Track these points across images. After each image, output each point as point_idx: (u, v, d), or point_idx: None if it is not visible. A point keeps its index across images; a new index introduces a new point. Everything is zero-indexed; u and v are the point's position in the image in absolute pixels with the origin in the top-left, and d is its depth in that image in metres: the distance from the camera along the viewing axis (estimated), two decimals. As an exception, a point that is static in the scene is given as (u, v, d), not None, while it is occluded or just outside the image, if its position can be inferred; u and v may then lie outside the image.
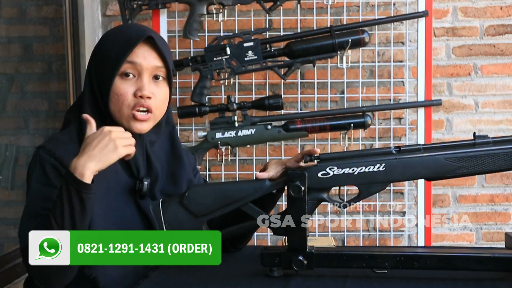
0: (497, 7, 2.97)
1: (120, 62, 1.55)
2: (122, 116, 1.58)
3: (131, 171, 1.63)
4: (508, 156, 1.47)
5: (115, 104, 1.57)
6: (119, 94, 1.56)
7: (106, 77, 1.57)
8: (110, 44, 1.59)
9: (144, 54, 1.58)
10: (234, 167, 2.87)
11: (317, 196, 1.51)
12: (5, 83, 2.54)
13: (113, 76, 1.56)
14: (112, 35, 1.62)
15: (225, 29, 2.79)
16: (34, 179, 1.53)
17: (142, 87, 1.57)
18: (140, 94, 1.56)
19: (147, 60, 1.58)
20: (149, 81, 1.59)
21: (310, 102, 2.94)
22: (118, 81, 1.57)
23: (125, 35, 1.59)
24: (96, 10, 3.04)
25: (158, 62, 1.59)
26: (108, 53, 1.58)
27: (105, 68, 1.57)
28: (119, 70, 1.56)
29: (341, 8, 2.82)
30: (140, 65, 1.57)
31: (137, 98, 1.57)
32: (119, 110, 1.57)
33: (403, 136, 2.95)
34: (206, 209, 1.53)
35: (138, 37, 1.57)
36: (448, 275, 1.49)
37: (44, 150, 1.54)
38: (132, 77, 1.58)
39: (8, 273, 2.35)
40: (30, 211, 1.51)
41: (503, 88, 3.00)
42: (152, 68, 1.59)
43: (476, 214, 3.03)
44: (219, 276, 1.54)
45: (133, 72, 1.57)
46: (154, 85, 1.60)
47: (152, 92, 1.58)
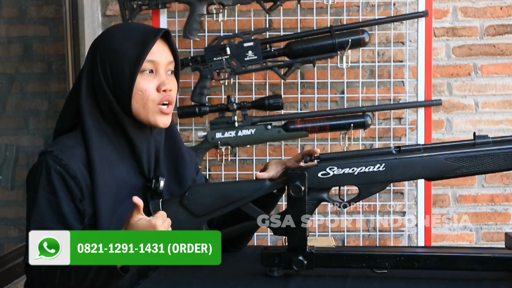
0: (497, 7, 2.97)
1: (141, 60, 1.57)
2: (148, 111, 1.59)
3: (141, 171, 1.63)
4: (508, 156, 1.47)
5: (140, 100, 1.58)
6: (143, 90, 1.58)
7: (126, 76, 1.58)
8: (125, 42, 1.59)
9: (160, 50, 1.61)
10: (234, 167, 2.87)
11: (317, 196, 1.51)
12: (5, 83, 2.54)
13: (135, 74, 1.57)
14: (122, 33, 1.62)
15: (225, 29, 2.79)
16: (41, 187, 1.53)
17: (164, 82, 1.60)
18: (164, 88, 1.59)
19: (163, 56, 1.61)
20: (166, 75, 1.62)
21: (310, 102, 2.94)
22: (139, 78, 1.58)
23: (139, 32, 1.60)
24: (96, 10, 3.04)
25: (171, 57, 1.63)
26: (125, 51, 1.58)
27: (124, 66, 1.58)
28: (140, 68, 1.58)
29: (341, 8, 2.82)
30: (158, 62, 1.60)
31: (161, 92, 1.59)
32: (144, 106, 1.59)
33: (403, 136, 2.95)
34: (206, 209, 1.53)
35: (156, 34, 1.60)
36: (448, 275, 1.49)
37: (51, 156, 1.54)
38: (151, 73, 1.60)
39: (8, 273, 2.35)
40: (37, 223, 1.51)
41: (503, 88, 3.00)
42: (167, 63, 1.62)
43: (476, 214, 3.03)
44: (219, 276, 1.54)
45: (152, 68, 1.60)
46: (170, 79, 1.63)
47: (171, 86, 1.62)
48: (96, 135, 1.58)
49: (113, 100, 1.59)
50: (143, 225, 1.41)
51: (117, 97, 1.59)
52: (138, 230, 1.41)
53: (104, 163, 1.56)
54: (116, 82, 1.59)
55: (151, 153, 1.64)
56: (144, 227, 1.41)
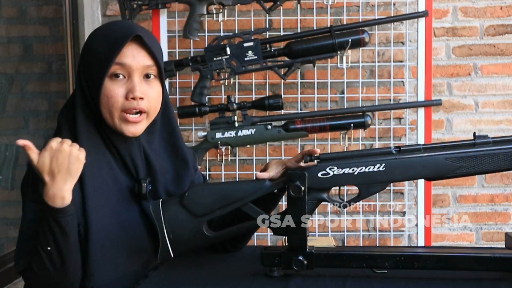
0: (497, 7, 2.97)
1: (109, 63, 1.51)
2: (113, 118, 1.54)
3: (130, 174, 1.61)
4: (508, 156, 1.47)
5: (105, 106, 1.53)
6: (109, 96, 1.52)
7: (95, 78, 1.52)
8: (98, 43, 1.54)
9: (133, 53, 1.52)
10: (234, 167, 2.87)
11: (317, 196, 1.51)
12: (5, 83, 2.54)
13: (103, 77, 1.51)
14: (99, 34, 1.57)
15: (225, 29, 2.79)
16: (28, 198, 1.52)
17: (133, 88, 1.52)
18: (132, 95, 1.52)
19: (136, 60, 1.53)
20: (140, 81, 1.54)
21: (310, 102, 2.94)
22: (108, 83, 1.52)
23: (112, 34, 1.53)
24: (96, 10, 3.04)
25: (148, 61, 1.54)
26: (97, 53, 1.53)
27: (94, 69, 1.53)
28: (109, 72, 1.52)
29: (341, 8, 2.82)
30: (129, 66, 1.52)
31: (129, 100, 1.52)
32: (110, 113, 1.53)
33: (403, 136, 2.95)
34: (206, 209, 1.53)
35: (125, 37, 1.51)
36: (448, 275, 1.49)
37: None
38: (123, 78, 1.53)
39: (8, 273, 2.35)
40: (24, 233, 1.51)
41: (503, 88, 3.00)
42: (142, 68, 1.54)
43: (476, 214, 3.03)
44: (219, 276, 1.54)
45: (123, 73, 1.53)
46: (146, 84, 1.55)
47: (144, 93, 1.54)
48: (86, 138, 1.55)
49: (91, 103, 1.55)
50: (45, 157, 1.42)
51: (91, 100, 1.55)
52: (50, 163, 1.41)
53: (93, 166, 1.53)
54: (89, 85, 1.55)
55: (136, 155, 1.60)
56: (46, 157, 1.41)
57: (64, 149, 1.43)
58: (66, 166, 1.42)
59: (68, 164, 1.42)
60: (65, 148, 1.43)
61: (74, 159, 1.43)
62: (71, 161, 1.43)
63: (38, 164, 1.42)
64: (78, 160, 1.43)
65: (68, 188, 1.43)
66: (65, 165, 1.42)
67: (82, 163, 1.44)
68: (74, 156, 1.43)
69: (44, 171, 1.42)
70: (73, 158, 1.43)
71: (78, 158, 1.43)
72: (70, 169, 1.43)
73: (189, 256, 1.66)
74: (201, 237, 1.53)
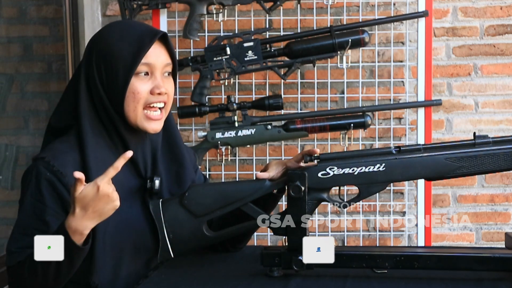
0: (497, 7, 2.97)
1: (136, 63, 1.55)
2: (137, 116, 1.57)
3: (137, 172, 1.62)
4: (508, 156, 1.47)
5: (131, 102, 1.57)
6: (136, 92, 1.56)
7: (120, 77, 1.56)
8: (120, 43, 1.57)
9: (157, 53, 1.59)
10: (234, 167, 2.87)
11: (317, 196, 1.51)
12: (5, 83, 2.54)
13: (129, 76, 1.56)
14: (119, 33, 1.59)
15: (225, 29, 2.79)
16: (29, 193, 1.52)
17: (159, 85, 1.58)
18: (158, 91, 1.58)
19: (160, 59, 1.59)
20: (162, 78, 1.60)
21: (310, 102, 2.94)
22: (133, 80, 1.57)
23: (136, 34, 1.58)
24: (96, 10, 3.04)
25: (168, 60, 1.61)
26: (120, 52, 1.56)
27: (118, 68, 1.56)
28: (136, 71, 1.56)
29: (341, 8, 2.82)
30: (154, 65, 1.58)
31: (155, 95, 1.58)
32: (134, 110, 1.57)
33: (403, 136, 2.95)
34: (206, 209, 1.53)
35: (152, 37, 1.57)
36: (448, 275, 1.49)
37: (42, 162, 1.53)
38: (145, 75, 1.58)
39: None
40: (20, 228, 1.52)
41: (503, 88, 3.00)
42: (164, 66, 1.60)
43: (476, 214, 3.03)
44: (219, 276, 1.54)
45: (147, 71, 1.58)
46: (166, 81, 1.61)
47: (166, 88, 1.60)
48: (92, 137, 1.56)
49: (106, 101, 1.58)
50: (88, 195, 1.39)
51: (110, 98, 1.58)
52: (90, 202, 1.39)
53: (100, 166, 1.53)
54: (110, 83, 1.57)
55: (147, 154, 1.63)
56: (90, 196, 1.39)
57: (110, 194, 1.41)
58: (102, 209, 1.42)
59: (104, 208, 1.42)
60: (111, 195, 1.42)
61: (111, 206, 1.42)
62: (108, 207, 1.42)
63: (79, 196, 1.40)
64: (114, 207, 1.43)
65: (91, 227, 1.43)
66: (102, 208, 1.42)
67: (115, 209, 1.44)
68: (113, 203, 1.42)
69: (81, 205, 1.40)
70: (111, 204, 1.42)
71: (114, 206, 1.43)
72: (103, 212, 1.42)
73: (189, 256, 1.66)
74: (201, 237, 1.53)
